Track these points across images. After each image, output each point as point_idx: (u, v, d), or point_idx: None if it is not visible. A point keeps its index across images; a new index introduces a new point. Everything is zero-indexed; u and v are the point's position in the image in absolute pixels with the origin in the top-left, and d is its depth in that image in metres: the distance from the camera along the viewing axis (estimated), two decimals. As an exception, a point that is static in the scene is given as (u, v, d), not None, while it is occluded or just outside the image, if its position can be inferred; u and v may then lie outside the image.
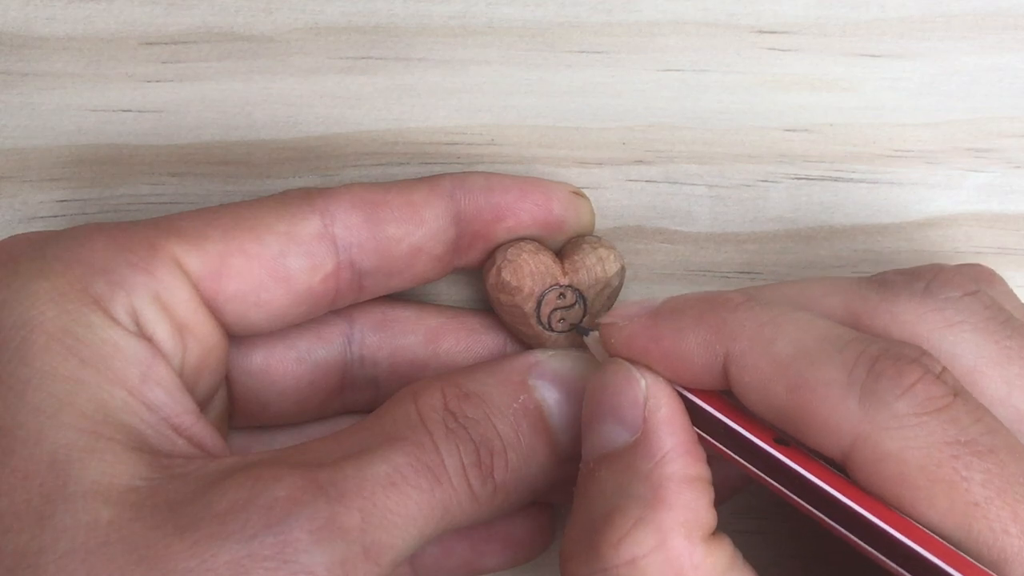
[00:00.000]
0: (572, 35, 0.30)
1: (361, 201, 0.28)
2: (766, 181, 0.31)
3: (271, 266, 0.27)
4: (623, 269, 0.29)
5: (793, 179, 0.31)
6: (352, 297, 0.28)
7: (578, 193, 0.30)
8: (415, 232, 0.28)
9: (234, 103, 0.31)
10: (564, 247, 0.29)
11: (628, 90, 0.31)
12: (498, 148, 0.31)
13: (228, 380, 0.29)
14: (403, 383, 0.29)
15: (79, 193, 0.31)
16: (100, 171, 0.31)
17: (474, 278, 0.31)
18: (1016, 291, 0.31)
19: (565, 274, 0.29)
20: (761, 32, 0.30)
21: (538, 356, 0.28)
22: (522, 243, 0.29)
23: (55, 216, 0.31)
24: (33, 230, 0.27)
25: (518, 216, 0.29)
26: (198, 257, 0.26)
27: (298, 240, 0.27)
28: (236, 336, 0.28)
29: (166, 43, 0.31)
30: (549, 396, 0.27)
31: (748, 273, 0.31)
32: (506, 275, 0.29)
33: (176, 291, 0.26)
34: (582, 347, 0.28)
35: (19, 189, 0.31)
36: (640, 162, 0.31)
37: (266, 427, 0.30)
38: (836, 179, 0.31)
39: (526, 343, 0.29)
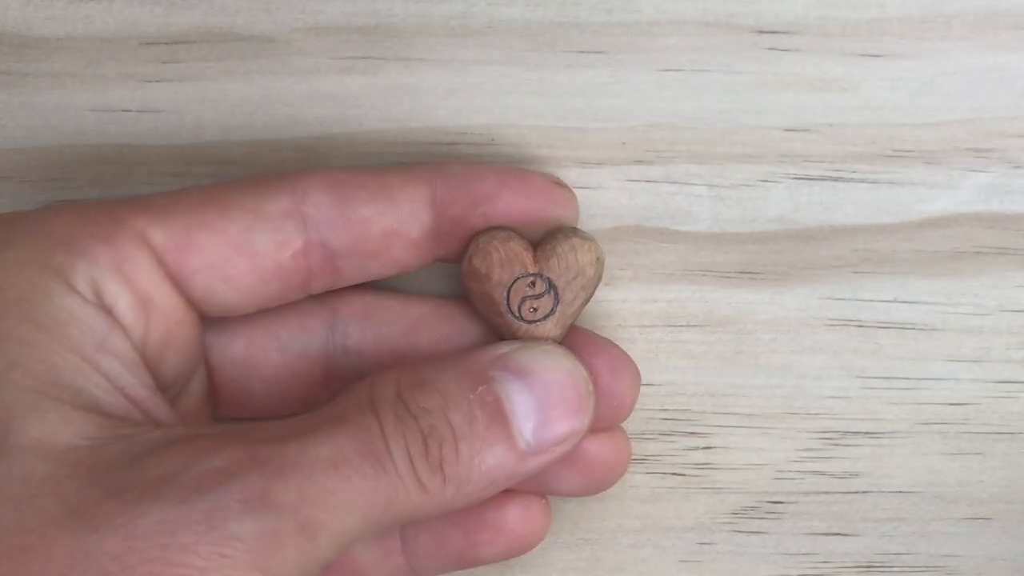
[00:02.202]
0: (572, 35, 0.30)
1: (333, 182, 0.28)
2: (766, 181, 0.31)
3: (237, 240, 0.27)
4: (599, 261, 0.29)
5: (793, 179, 0.31)
6: (328, 279, 0.28)
7: (559, 183, 0.29)
8: (388, 213, 0.28)
9: (234, 103, 0.31)
10: (541, 237, 0.29)
11: (628, 90, 0.31)
12: (498, 148, 0.31)
13: (210, 368, 0.29)
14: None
15: (79, 193, 0.31)
16: (100, 171, 0.31)
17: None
18: (1016, 291, 0.31)
19: (536, 262, 0.28)
20: (761, 32, 0.30)
21: (504, 348, 0.27)
22: (495, 231, 0.28)
23: (55, 216, 0.31)
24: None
25: (494, 204, 0.28)
26: (163, 230, 0.26)
27: (265, 216, 0.27)
28: (210, 315, 0.28)
29: (166, 43, 0.31)
30: (510, 388, 0.26)
31: (748, 273, 0.31)
32: (476, 262, 0.28)
33: (139, 263, 0.26)
34: (557, 338, 0.28)
35: (19, 189, 0.31)
36: (640, 162, 0.31)
37: (254, 419, 0.30)
38: (836, 179, 0.31)
39: (500, 334, 0.29)
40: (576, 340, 0.29)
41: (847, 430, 0.31)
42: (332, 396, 0.29)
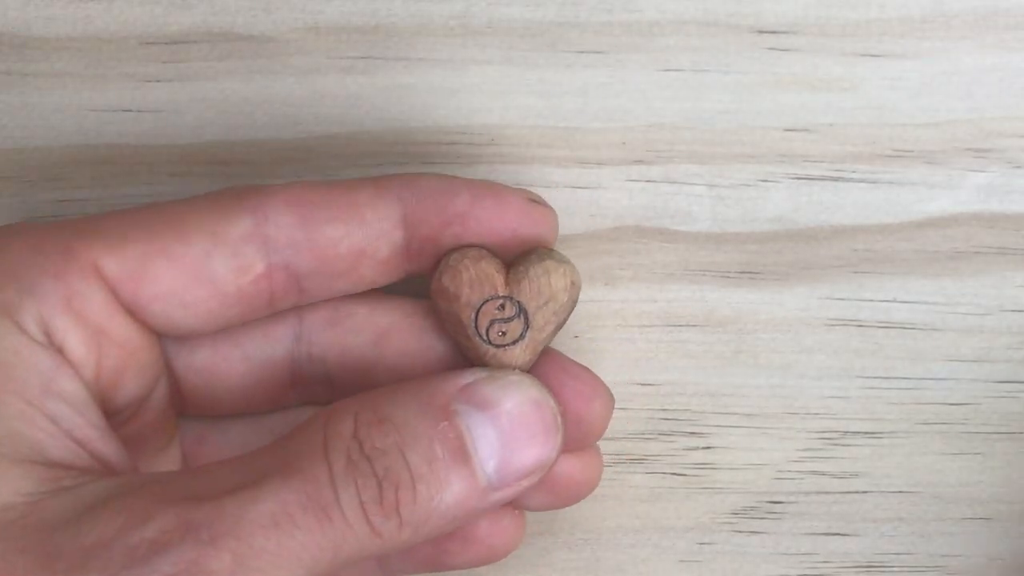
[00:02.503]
0: (572, 35, 0.30)
1: (298, 200, 0.27)
2: (766, 181, 0.31)
3: (195, 267, 0.26)
4: (574, 285, 0.27)
5: (793, 179, 0.31)
6: (293, 299, 0.28)
7: (536, 200, 0.28)
8: (356, 233, 0.27)
9: (234, 103, 0.31)
10: (515, 258, 0.28)
11: (628, 90, 0.31)
12: (498, 148, 0.31)
13: (174, 375, 0.28)
14: (354, 382, 0.28)
15: (79, 193, 0.31)
16: (100, 171, 0.31)
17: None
18: (1016, 291, 0.31)
19: (507, 284, 0.27)
20: (761, 32, 0.30)
21: (469, 377, 0.26)
22: (467, 249, 0.27)
23: (54, 216, 0.31)
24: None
25: (466, 222, 0.27)
26: (116, 260, 0.26)
27: (225, 240, 0.26)
28: (169, 336, 0.27)
29: (166, 43, 0.31)
30: (473, 423, 0.25)
31: (748, 273, 0.31)
32: (445, 281, 0.27)
33: (91, 296, 0.25)
34: (526, 364, 0.27)
35: (19, 189, 0.31)
36: (640, 162, 0.31)
37: (222, 416, 0.30)
38: (836, 179, 0.31)
39: (468, 356, 0.28)
40: (548, 365, 0.28)
41: (847, 430, 0.31)
42: (300, 398, 0.30)
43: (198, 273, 0.26)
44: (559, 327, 0.28)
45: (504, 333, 0.27)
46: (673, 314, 0.31)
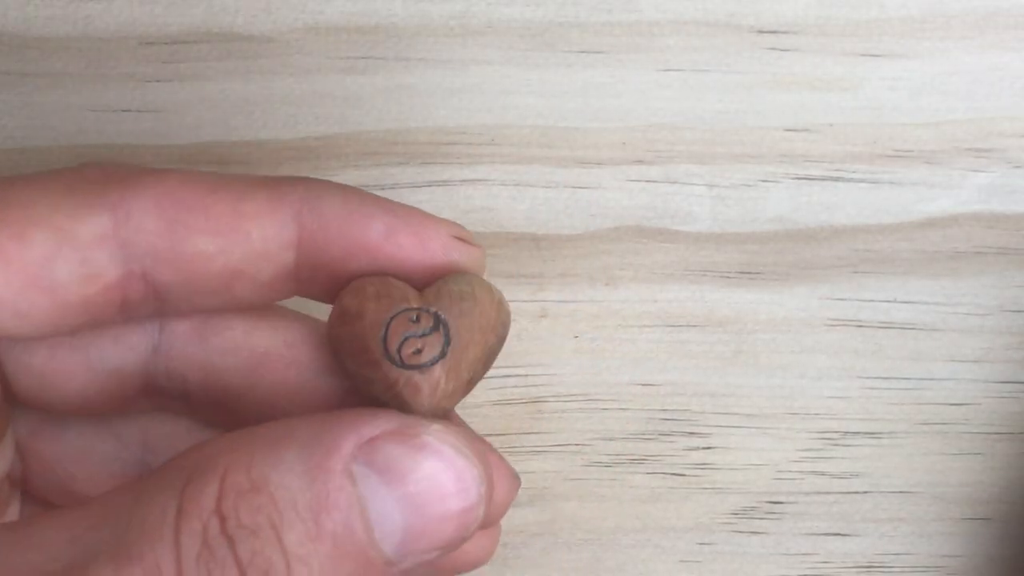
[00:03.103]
0: (572, 35, 0.30)
1: (171, 200, 0.22)
2: (766, 181, 0.31)
3: (34, 273, 0.21)
4: (502, 306, 0.23)
5: (793, 179, 0.31)
6: (150, 310, 0.23)
7: (462, 237, 0.23)
8: (233, 251, 0.22)
9: (234, 103, 0.31)
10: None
11: (628, 90, 0.31)
12: (498, 148, 0.31)
13: (3, 372, 0.24)
14: (216, 411, 0.24)
15: (79, 193, 0.31)
16: (100, 171, 0.31)
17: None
18: (1016, 291, 0.31)
19: (422, 298, 0.22)
20: (761, 32, 0.30)
21: (373, 428, 0.20)
22: (371, 275, 0.23)
23: (55, 216, 0.31)
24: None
25: (375, 257, 0.23)
26: None
27: (74, 242, 0.22)
28: None
29: (166, 43, 0.31)
30: (374, 494, 0.20)
31: (748, 273, 0.31)
32: (346, 300, 0.22)
33: None
34: (449, 398, 0.22)
35: (19, 189, 0.31)
36: (640, 162, 0.31)
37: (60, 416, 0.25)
38: (836, 179, 0.31)
39: (374, 393, 0.22)
40: None
41: (847, 430, 0.31)
42: (154, 407, 0.25)
43: (37, 279, 0.21)
44: (489, 356, 0.23)
45: (420, 350, 0.21)
46: (673, 314, 0.31)
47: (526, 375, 0.31)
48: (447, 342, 0.22)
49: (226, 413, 0.24)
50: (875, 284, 0.31)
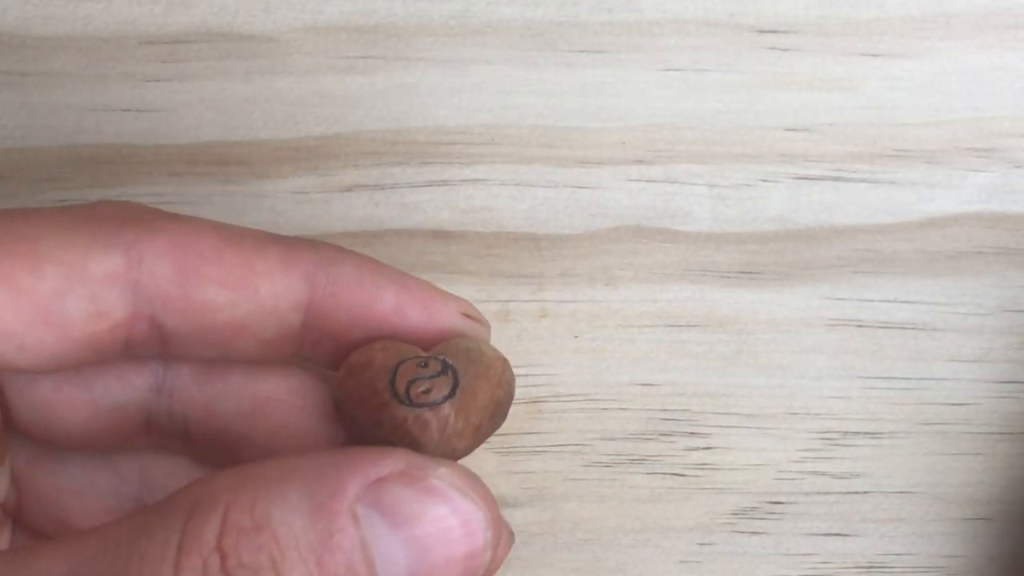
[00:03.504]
0: (572, 35, 0.30)
1: (185, 246, 0.22)
2: (766, 181, 0.31)
3: (43, 307, 0.21)
4: (506, 365, 0.23)
5: (793, 179, 0.31)
6: (153, 352, 0.23)
7: (472, 316, 0.24)
8: (241, 305, 0.22)
9: (234, 103, 0.31)
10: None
11: (628, 90, 0.30)
12: (498, 148, 0.31)
13: (6, 403, 0.24)
14: (216, 452, 0.24)
15: (78, 193, 0.31)
16: (99, 171, 0.31)
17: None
18: (1017, 291, 0.31)
19: (427, 350, 0.23)
20: (761, 32, 0.30)
21: (380, 468, 0.20)
22: (378, 339, 0.23)
23: (54, 216, 0.31)
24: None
25: (381, 327, 0.23)
26: None
27: (85, 279, 0.22)
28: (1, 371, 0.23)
29: (165, 42, 0.31)
30: (379, 540, 0.19)
31: (748, 273, 0.31)
32: (353, 357, 0.22)
33: None
34: (461, 436, 0.22)
35: (18, 189, 0.31)
36: (640, 162, 0.31)
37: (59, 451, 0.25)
38: (837, 179, 0.31)
39: (382, 435, 0.22)
40: None
41: (848, 430, 0.31)
42: (155, 445, 0.25)
43: (46, 314, 0.21)
44: (497, 409, 0.23)
45: (428, 391, 0.21)
46: (673, 314, 0.31)
47: (526, 375, 0.31)
48: (455, 384, 0.22)
49: (226, 454, 0.24)
50: (875, 284, 0.31)
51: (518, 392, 0.31)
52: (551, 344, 0.31)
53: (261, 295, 0.22)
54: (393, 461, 0.20)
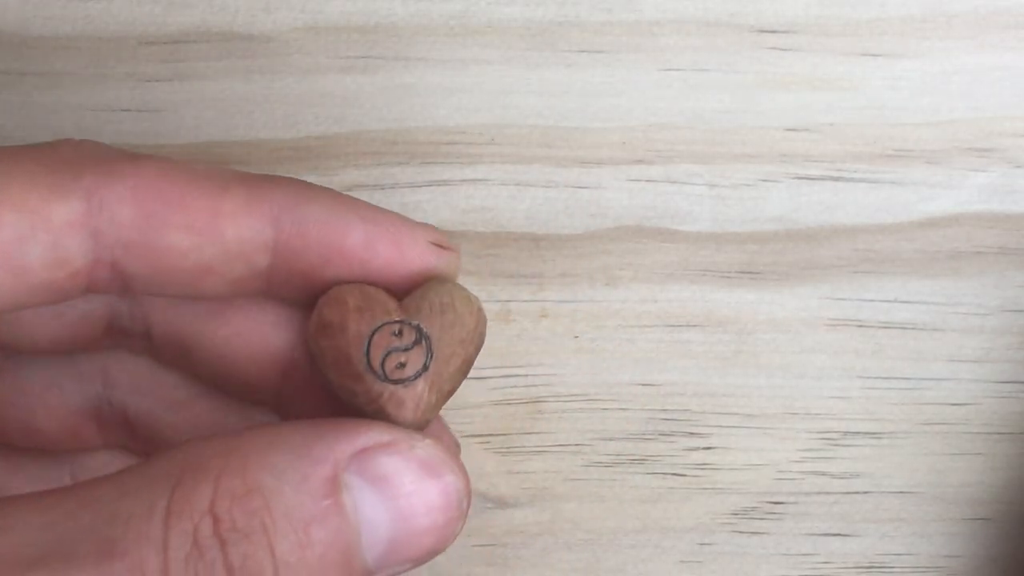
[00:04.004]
0: (572, 35, 0.30)
1: (148, 191, 0.21)
2: (767, 180, 0.31)
3: (4, 253, 0.21)
4: (480, 314, 0.23)
5: (794, 179, 0.31)
6: (116, 292, 0.23)
7: (441, 245, 0.24)
8: (206, 249, 0.22)
9: (234, 103, 0.31)
10: (408, 290, 0.24)
11: (628, 90, 0.30)
12: (498, 148, 0.31)
13: None
14: (175, 348, 0.24)
15: (78, 193, 0.31)
16: (99, 171, 0.31)
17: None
18: (1017, 291, 0.31)
19: (402, 310, 0.22)
20: (762, 31, 0.30)
21: (366, 439, 0.20)
22: (350, 283, 0.23)
23: (54, 216, 0.31)
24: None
25: (352, 265, 0.23)
26: None
27: (46, 225, 0.21)
28: None
29: (165, 42, 0.31)
30: (363, 502, 0.20)
31: (748, 273, 0.31)
32: (327, 312, 0.22)
33: None
34: (432, 408, 0.22)
35: (18, 189, 0.31)
36: (640, 162, 0.31)
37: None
38: (837, 179, 0.31)
39: (356, 404, 0.22)
40: None
41: (848, 430, 0.31)
42: (116, 345, 0.25)
43: (6, 261, 0.21)
44: (467, 366, 0.23)
45: (404, 364, 0.22)
46: (673, 314, 0.31)
47: (526, 375, 0.31)
48: (429, 356, 0.22)
49: (186, 355, 0.24)
50: (875, 284, 0.31)
51: (518, 392, 0.31)
52: (551, 344, 0.31)
53: (227, 239, 0.22)
54: (378, 433, 0.21)
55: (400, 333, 0.22)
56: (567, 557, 0.32)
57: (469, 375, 0.29)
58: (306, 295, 0.23)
